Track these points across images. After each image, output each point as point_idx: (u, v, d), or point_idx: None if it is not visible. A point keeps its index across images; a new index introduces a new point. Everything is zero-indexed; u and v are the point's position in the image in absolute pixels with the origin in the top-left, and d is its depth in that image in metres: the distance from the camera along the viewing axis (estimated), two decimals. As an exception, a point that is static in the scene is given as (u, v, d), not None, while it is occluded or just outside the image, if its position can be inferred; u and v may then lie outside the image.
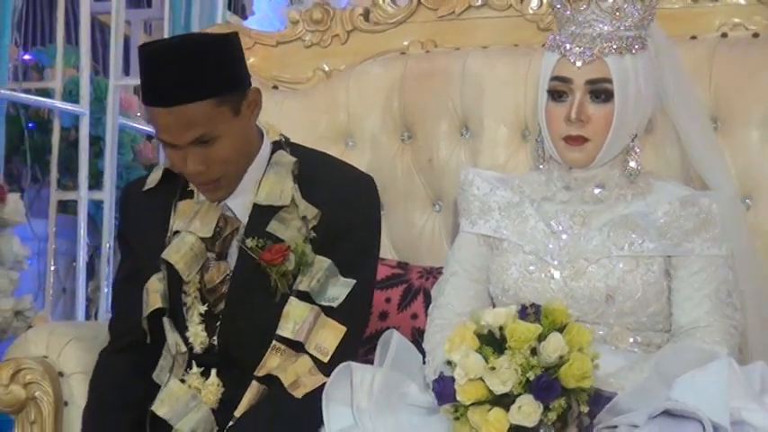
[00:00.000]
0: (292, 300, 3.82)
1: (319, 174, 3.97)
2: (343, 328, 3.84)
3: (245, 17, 8.86)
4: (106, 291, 8.04)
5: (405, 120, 4.65)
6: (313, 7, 4.97)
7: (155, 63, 3.96)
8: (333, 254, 3.81)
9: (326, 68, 4.86)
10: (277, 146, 4.02)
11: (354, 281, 3.81)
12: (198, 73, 3.91)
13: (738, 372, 3.45)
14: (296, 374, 3.87)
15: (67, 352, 4.23)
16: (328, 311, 3.85)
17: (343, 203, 3.90)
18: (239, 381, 3.89)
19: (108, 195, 8.18)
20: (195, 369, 3.93)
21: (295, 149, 4.02)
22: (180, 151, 3.80)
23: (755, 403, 3.42)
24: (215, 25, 5.88)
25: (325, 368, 3.76)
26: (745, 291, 3.88)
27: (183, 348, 3.88)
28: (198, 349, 3.90)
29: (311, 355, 3.83)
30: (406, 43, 4.79)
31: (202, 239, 3.97)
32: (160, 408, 3.89)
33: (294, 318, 3.84)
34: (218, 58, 3.99)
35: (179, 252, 3.96)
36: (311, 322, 3.86)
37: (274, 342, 3.82)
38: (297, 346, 3.84)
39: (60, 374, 4.24)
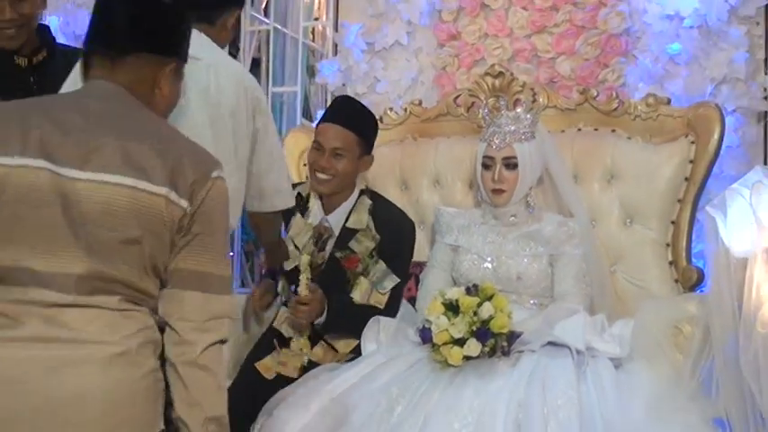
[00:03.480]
0: (361, 284, 4.06)
1: (384, 214, 4.19)
2: (385, 299, 4.07)
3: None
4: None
5: (403, 178, 4.82)
6: None
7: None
8: (388, 262, 4.09)
9: None
10: (362, 192, 4.25)
11: (399, 279, 4.10)
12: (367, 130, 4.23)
13: (589, 320, 3.80)
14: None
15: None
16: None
17: (398, 236, 4.18)
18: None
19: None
20: None
21: (372, 195, 4.27)
22: (323, 155, 4.09)
23: (598, 337, 3.71)
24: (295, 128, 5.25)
25: (380, 311, 4.03)
26: (593, 274, 4.11)
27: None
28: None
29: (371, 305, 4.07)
30: (403, 135, 4.89)
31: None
32: None
33: (360, 291, 4.06)
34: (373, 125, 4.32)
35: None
36: (369, 294, 4.07)
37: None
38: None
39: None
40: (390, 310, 4.04)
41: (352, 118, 4.18)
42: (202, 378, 2.48)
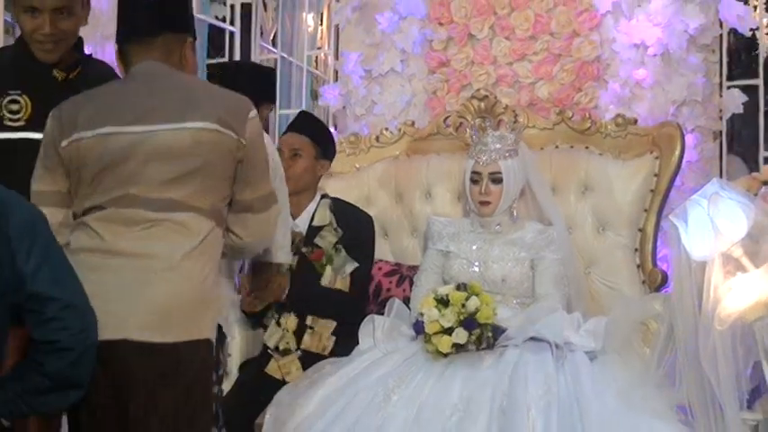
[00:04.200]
0: (326, 272, 4.08)
1: (344, 210, 4.25)
2: (348, 282, 4.09)
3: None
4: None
5: (398, 191, 4.80)
6: (350, 135, 5.08)
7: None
8: (350, 252, 4.12)
9: (357, 166, 4.90)
10: (323, 195, 4.30)
11: (358, 264, 4.11)
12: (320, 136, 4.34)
13: (566, 318, 3.83)
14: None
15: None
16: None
17: (356, 228, 4.21)
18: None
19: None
20: None
21: (332, 197, 4.31)
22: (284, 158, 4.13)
23: (575, 332, 3.73)
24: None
25: (346, 294, 4.11)
26: (570, 276, 4.12)
27: None
28: None
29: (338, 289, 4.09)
30: (397, 152, 4.89)
31: None
32: None
33: (326, 279, 4.08)
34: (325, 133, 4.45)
35: None
36: (334, 280, 4.09)
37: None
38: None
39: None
40: (355, 291, 4.12)
41: (306, 126, 4.35)
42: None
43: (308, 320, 4.03)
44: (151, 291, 2.64)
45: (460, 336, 3.58)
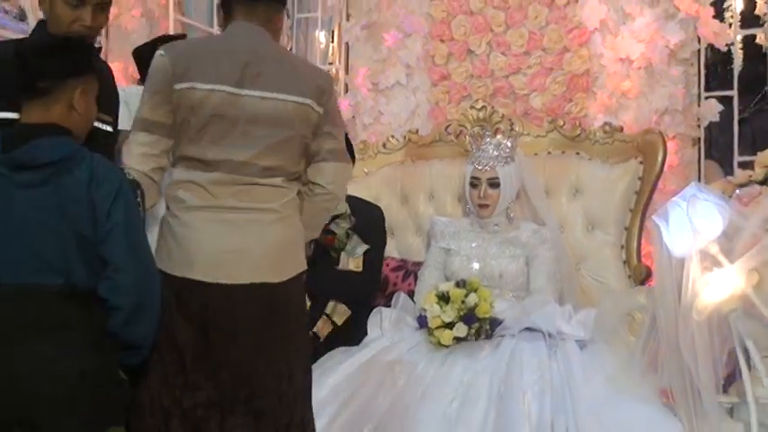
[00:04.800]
0: (341, 258, 4.03)
1: (357, 202, 4.15)
2: (361, 258, 4.04)
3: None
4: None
5: (403, 193, 4.80)
6: (359, 143, 4.99)
7: None
8: (363, 237, 4.04)
9: (366, 170, 4.87)
10: None
11: (368, 246, 4.04)
12: None
13: (558, 309, 3.82)
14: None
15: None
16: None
17: (368, 216, 4.13)
18: None
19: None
20: None
21: (347, 194, 4.08)
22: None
23: (566, 323, 3.73)
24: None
25: (357, 274, 4.04)
26: (562, 271, 4.13)
27: None
28: None
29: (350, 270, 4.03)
30: (402, 158, 4.89)
31: None
32: None
33: (342, 263, 4.01)
34: None
35: None
36: (347, 262, 4.03)
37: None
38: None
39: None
40: (366, 273, 4.04)
41: None
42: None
43: (328, 308, 3.96)
44: (266, 238, 2.76)
45: (461, 330, 3.60)
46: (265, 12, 2.84)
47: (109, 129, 2.91)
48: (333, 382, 3.58)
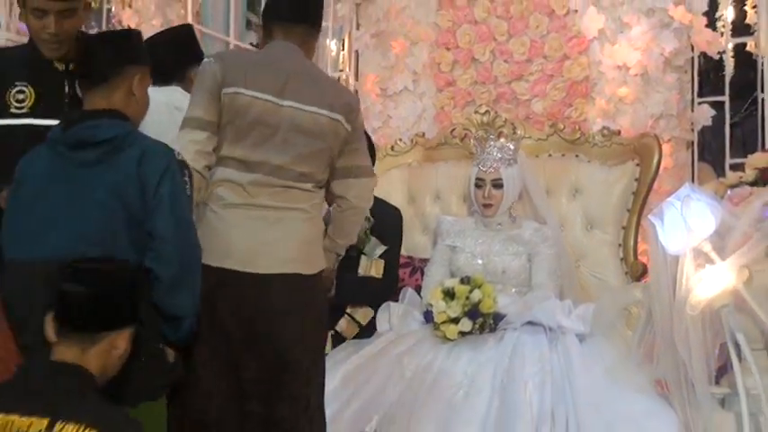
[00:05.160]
0: (362, 261, 3.99)
1: (377, 203, 3.92)
2: (382, 264, 4.00)
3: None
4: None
5: (410, 194, 4.79)
6: None
7: None
8: (381, 238, 4.01)
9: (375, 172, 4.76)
10: None
11: (386, 247, 4.02)
12: None
13: (559, 304, 3.80)
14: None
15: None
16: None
17: (386, 217, 4.08)
18: None
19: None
20: None
21: None
22: None
23: (566, 317, 3.70)
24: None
25: (378, 280, 4.00)
26: (562, 268, 4.11)
27: None
28: None
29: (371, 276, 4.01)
30: (410, 160, 4.88)
31: None
32: None
33: (363, 268, 3.99)
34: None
35: None
36: (368, 267, 4.01)
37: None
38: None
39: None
40: (386, 278, 4.02)
41: None
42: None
43: (349, 308, 3.97)
44: (297, 234, 2.87)
45: (465, 325, 3.61)
46: (302, 34, 2.97)
47: None
48: (344, 372, 3.58)
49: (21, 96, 2.86)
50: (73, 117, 2.63)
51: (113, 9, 5.07)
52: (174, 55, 3.41)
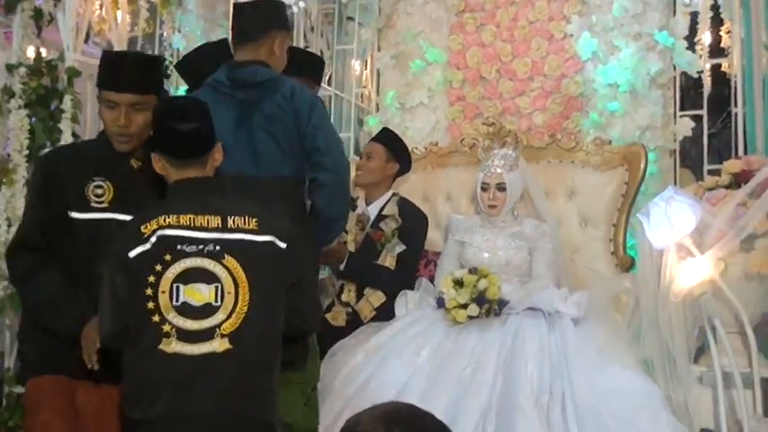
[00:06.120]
0: (382, 253, 4.00)
1: (407, 206, 4.17)
2: (395, 258, 4.01)
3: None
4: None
5: (425, 194, 4.73)
6: None
7: None
8: (404, 238, 4.03)
9: None
10: (394, 193, 4.25)
11: (405, 247, 4.03)
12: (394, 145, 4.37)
13: (556, 292, 3.75)
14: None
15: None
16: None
17: (412, 221, 4.10)
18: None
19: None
20: None
21: (400, 196, 4.24)
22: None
23: (563, 303, 3.67)
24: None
25: (390, 271, 4.01)
26: (559, 260, 4.09)
27: None
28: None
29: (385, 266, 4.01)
30: (424, 166, 4.82)
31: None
32: None
33: (381, 259, 4.00)
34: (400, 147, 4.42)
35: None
36: (385, 259, 4.01)
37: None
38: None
39: None
40: (399, 272, 4.02)
41: (380, 137, 4.37)
42: None
43: (365, 291, 3.99)
44: None
45: (473, 310, 3.60)
46: None
47: None
48: (366, 350, 3.60)
49: (99, 191, 2.68)
50: (231, 65, 2.93)
51: (165, 33, 5.12)
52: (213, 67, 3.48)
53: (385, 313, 3.94)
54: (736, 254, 3.21)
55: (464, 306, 3.62)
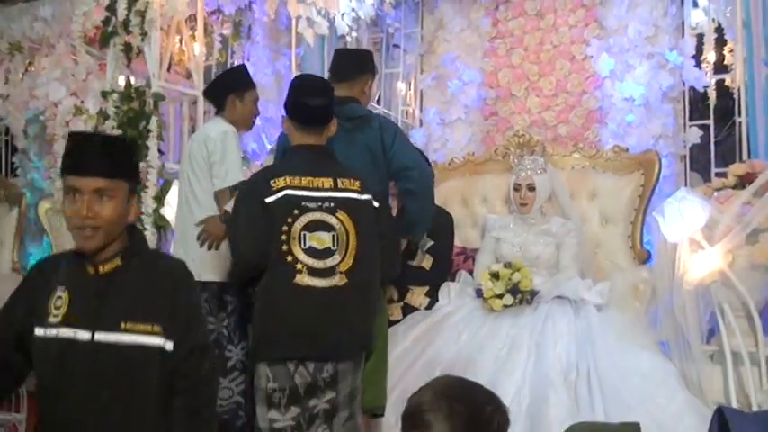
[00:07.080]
0: (418, 254, 3.87)
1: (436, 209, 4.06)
2: (430, 260, 3.90)
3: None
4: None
5: (464, 198, 4.71)
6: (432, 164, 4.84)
7: None
8: (431, 236, 3.83)
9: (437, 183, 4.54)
10: None
11: (433, 242, 3.88)
12: None
13: (581, 282, 3.71)
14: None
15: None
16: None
17: (438, 220, 3.82)
18: None
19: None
20: None
21: None
22: None
23: (587, 292, 3.63)
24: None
25: (426, 271, 3.89)
26: (583, 255, 4.03)
27: None
28: None
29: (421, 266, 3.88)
30: (462, 173, 4.78)
31: None
32: None
33: (417, 260, 3.87)
34: None
35: None
36: (421, 260, 3.89)
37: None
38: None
39: None
40: (434, 270, 3.92)
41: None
42: None
43: (410, 287, 3.90)
44: None
45: (508, 299, 3.59)
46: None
47: None
48: (413, 335, 3.60)
49: (59, 303, 1.96)
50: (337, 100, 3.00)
51: (235, 63, 5.12)
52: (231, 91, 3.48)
53: (432, 300, 3.89)
54: (743, 246, 3.25)
55: (500, 296, 3.59)
